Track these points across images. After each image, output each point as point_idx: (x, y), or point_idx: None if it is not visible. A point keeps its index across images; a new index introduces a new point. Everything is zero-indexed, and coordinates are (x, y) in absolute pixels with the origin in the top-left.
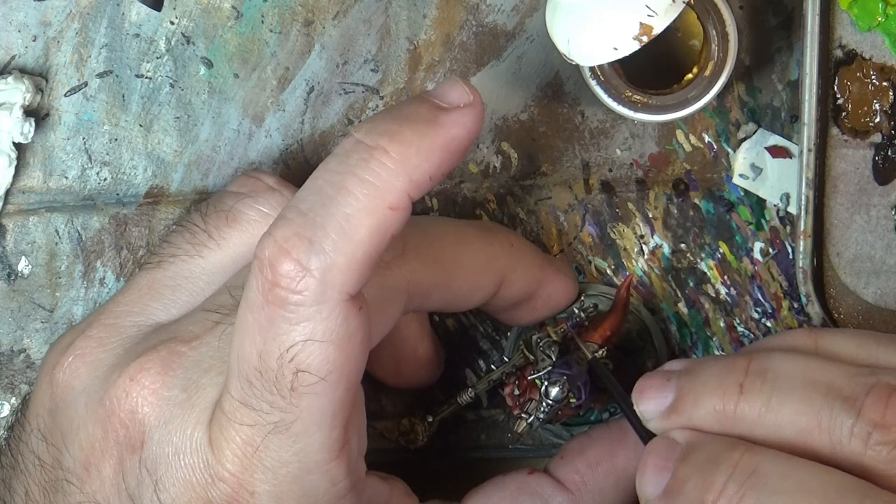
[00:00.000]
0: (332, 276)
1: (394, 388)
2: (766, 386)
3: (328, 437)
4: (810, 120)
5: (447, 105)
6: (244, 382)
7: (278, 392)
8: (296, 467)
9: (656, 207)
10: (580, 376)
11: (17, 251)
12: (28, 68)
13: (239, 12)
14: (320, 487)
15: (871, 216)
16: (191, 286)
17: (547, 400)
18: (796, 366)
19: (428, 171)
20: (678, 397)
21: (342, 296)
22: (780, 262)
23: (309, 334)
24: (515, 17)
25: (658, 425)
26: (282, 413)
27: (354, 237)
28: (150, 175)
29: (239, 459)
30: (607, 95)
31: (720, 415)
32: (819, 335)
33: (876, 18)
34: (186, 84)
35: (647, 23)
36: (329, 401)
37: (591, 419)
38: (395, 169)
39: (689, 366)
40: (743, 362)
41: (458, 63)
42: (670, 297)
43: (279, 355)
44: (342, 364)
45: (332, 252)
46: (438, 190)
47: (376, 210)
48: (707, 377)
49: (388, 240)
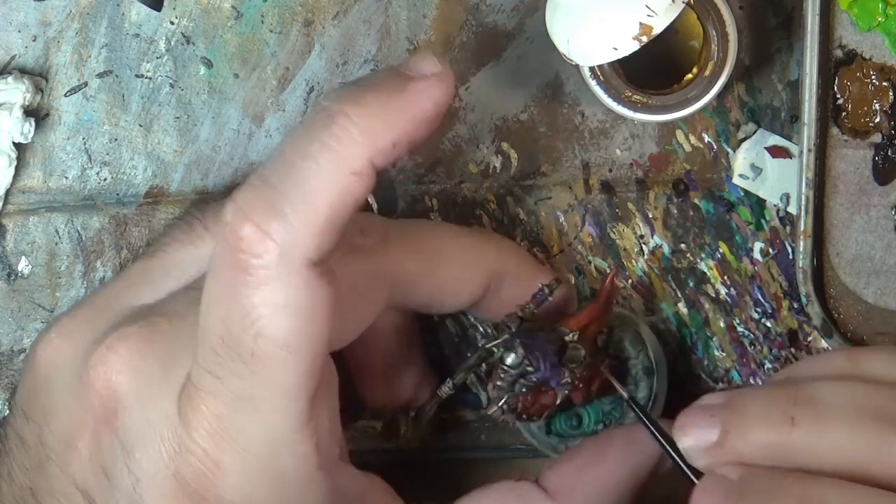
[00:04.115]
0: (293, 240)
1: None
2: (818, 416)
3: (292, 408)
4: (810, 120)
5: (414, 74)
6: (209, 351)
7: (240, 359)
8: (260, 438)
9: (656, 207)
10: (539, 347)
11: (17, 251)
12: (28, 68)
13: (239, 12)
14: (287, 462)
15: (871, 216)
16: (181, 273)
17: (503, 366)
18: (844, 393)
19: (391, 138)
20: (724, 432)
21: (304, 261)
22: (780, 262)
23: (269, 299)
24: (515, 17)
25: (705, 462)
26: (244, 382)
27: (315, 201)
28: (150, 175)
29: (206, 430)
30: (607, 95)
31: (771, 447)
32: (858, 358)
33: (876, 18)
34: (186, 84)
35: (647, 23)
36: (292, 370)
37: (587, 431)
38: (358, 135)
39: (731, 399)
40: (788, 392)
41: (458, 63)
42: (670, 297)
43: (240, 321)
44: (305, 333)
45: (293, 216)
46: (438, 190)
47: (338, 175)
48: (754, 410)
49: (351, 206)
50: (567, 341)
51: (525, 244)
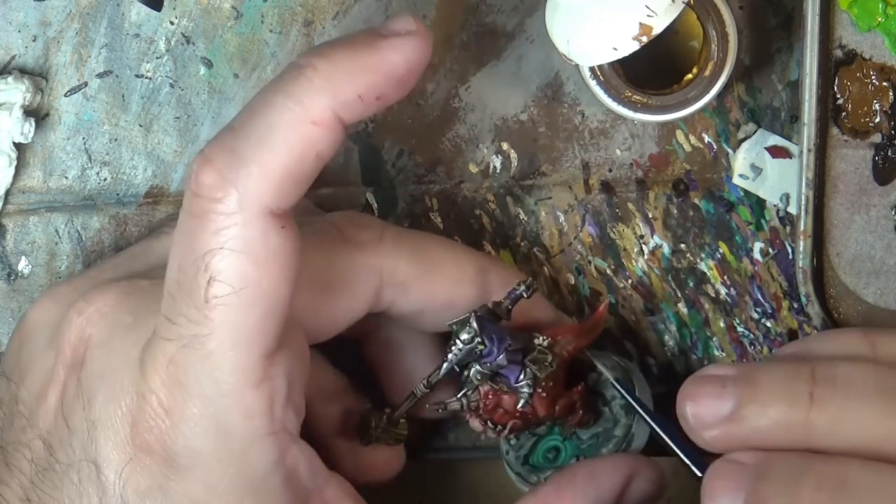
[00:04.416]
0: (252, 186)
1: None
2: (839, 394)
3: (243, 360)
4: (810, 120)
5: (388, 33)
6: (168, 297)
7: (193, 304)
8: (209, 388)
9: (656, 207)
10: (497, 332)
11: (17, 251)
12: (28, 68)
13: (239, 12)
14: (233, 416)
15: (871, 216)
16: None
17: (457, 339)
18: (865, 372)
19: (355, 89)
20: (740, 404)
21: (261, 207)
22: (779, 262)
23: (225, 242)
24: (515, 17)
25: (718, 433)
26: (198, 328)
27: (274, 148)
28: (150, 175)
29: (160, 377)
30: (607, 95)
31: (789, 425)
32: (875, 338)
33: (876, 18)
34: (186, 84)
35: (647, 23)
36: (244, 320)
37: (561, 465)
38: (321, 84)
39: (744, 372)
40: (807, 369)
41: (458, 63)
42: (670, 298)
43: (195, 263)
44: (259, 281)
45: (253, 163)
46: (438, 190)
47: (298, 123)
48: (770, 384)
49: (312, 158)
50: (536, 345)
51: (525, 244)
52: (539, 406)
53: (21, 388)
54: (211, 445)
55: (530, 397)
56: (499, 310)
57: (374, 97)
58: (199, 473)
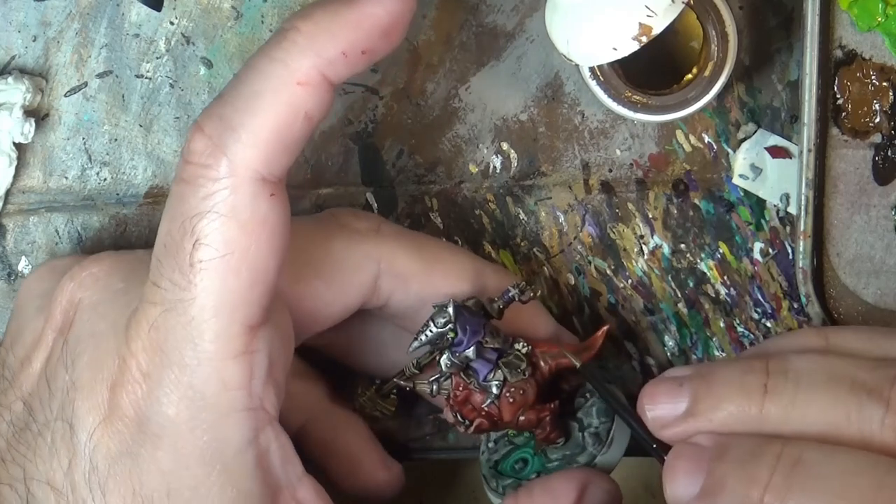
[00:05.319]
0: (239, 150)
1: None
2: (790, 384)
3: (224, 328)
4: (810, 120)
5: None
6: (155, 261)
7: (178, 267)
8: (188, 355)
9: (656, 208)
10: (472, 324)
11: (17, 251)
12: (28, 68)
13: (239, 12)
14: (210, 386)
15: (871, 216)
16: None
17: (431, 321)
18: (815, 363)
19: (339, 47)
20: (695, 401)
21: (249, 172)
22: (779, 262)
23: (212, 206)
24: (515, 17)
25: (675, 430)
26: (182, 291)
27: (261, 112)
28: (150, 175)
29: (142, 341)
30: (607, 96)
31: (744, 416)
32: (828, 333)
33: (876, 18)
34: (186, 84)
35: (647, 23)
36: (228, 286)
37: (522, 478)
38: (304, 44)
39: (699, 370)
40: (760, 363)
41: (458, 63)
42: (670, 298)
43: (182, 226)
44: (245, 248)
45: (240, 127)
46: (438, 190)
47: (284, 86)
48: (725, 379)
49: (301, 120)
50: (515, 349)
51: (525, 244)
52: (505, 410)
53: (9, 354)
54: (184, 414)
55: (497, 398)
56: (490, 307)
57: (359, 52)
58: (170, 442)
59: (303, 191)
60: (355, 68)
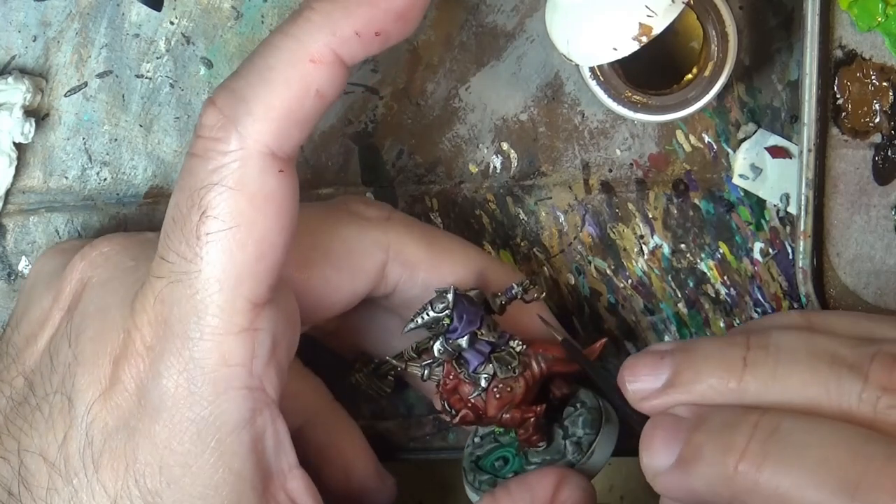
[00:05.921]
0: (250, 124)
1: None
2: (770, 358)
3: (228, 302)
4: (810, 120)
5: None
6: (163, 235)
7: (185, 239)
8: (192, 328)
9: (656, 207)
10: (470, 314)
11: (17, 251)
12: (28, 68)
13: (239, 12)
14: (211, 361)
15: (871, 216)
16: None
17: (429, 305)
18: (798, 339)
19: (353, 25)
20: (675, 373)
21: (259, 146)
22: (780, 262)
23: (220, 178)
24: (515, 17)
25: (655, 402)
26: (188, 263)
27: (273, 87)
28: (150, 175)
29: (147, 315)
30: (607, 95)
31: (723, 388)
32: (811, 315)
33: (876, 18)
34: (186, 84)
35: (647, 23)
36: (234, 259)
37: (500, 476)
38: (318, 22)
39: (682, 344)
40: (742, 338)
41: (458, 63)
42: (670, 298)
43: (190, 197)
44: (252, 221)
45: (252, 101)
46: (438, 190)
47: (297, 62)
48: (706, 352)
49: (312, 97)
50: (509, 346)
51: (525, 244)
52: (490, 404)
53: (14, 332)
54: (183, 388)
55: (483, 392)
56: (492, 302)
57: (372, 33)
58: (167, 416)
59: (303, 191)
60: (368, 50)
